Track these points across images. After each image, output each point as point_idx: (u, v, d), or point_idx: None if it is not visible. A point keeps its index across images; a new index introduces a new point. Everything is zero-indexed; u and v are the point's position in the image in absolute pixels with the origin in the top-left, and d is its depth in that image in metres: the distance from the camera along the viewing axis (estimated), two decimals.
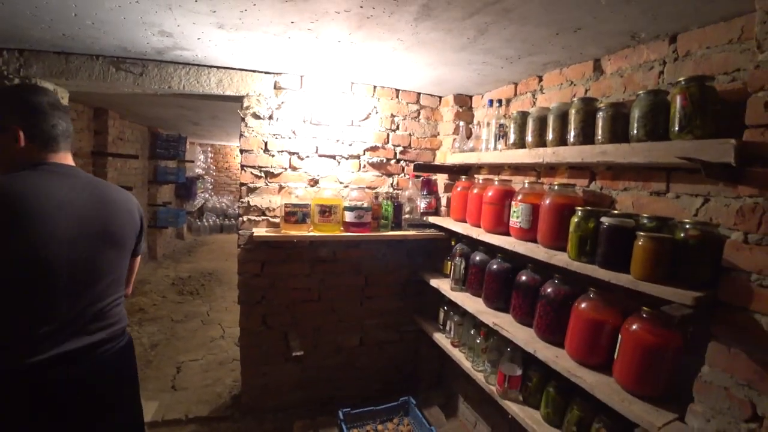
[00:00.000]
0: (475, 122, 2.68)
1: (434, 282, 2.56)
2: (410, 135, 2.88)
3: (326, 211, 2.43)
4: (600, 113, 1.54)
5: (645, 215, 1.43)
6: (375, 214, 2.55)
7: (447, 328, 2.46)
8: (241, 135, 2.56)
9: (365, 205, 2.48)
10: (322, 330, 2.81)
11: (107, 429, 1.30)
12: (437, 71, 2.28)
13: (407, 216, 2.77)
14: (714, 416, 1.13)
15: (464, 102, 2.77)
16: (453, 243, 2.56)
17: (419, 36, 1.75)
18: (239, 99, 2.54)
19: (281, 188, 2.64)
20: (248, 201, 2.59)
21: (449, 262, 2.49)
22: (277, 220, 2.62)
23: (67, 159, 1.32)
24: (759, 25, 1.07)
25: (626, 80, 1.69)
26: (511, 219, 1.91)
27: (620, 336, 1.35)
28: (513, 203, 1.91)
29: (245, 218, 2.60)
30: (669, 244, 1.25)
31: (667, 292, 1.18)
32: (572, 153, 1.61)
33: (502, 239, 1.95)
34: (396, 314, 2.96)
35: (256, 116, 2.54)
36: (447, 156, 2.74)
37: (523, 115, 1.97)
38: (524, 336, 1.73)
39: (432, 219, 2.69)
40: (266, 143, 2.58)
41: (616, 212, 1.50)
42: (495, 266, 2.05)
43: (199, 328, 4.19)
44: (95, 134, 4.80)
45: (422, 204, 2.77)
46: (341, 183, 2.75)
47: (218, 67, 2.45)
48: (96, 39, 2.02)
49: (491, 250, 2.17)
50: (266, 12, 1.59)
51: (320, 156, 2.69)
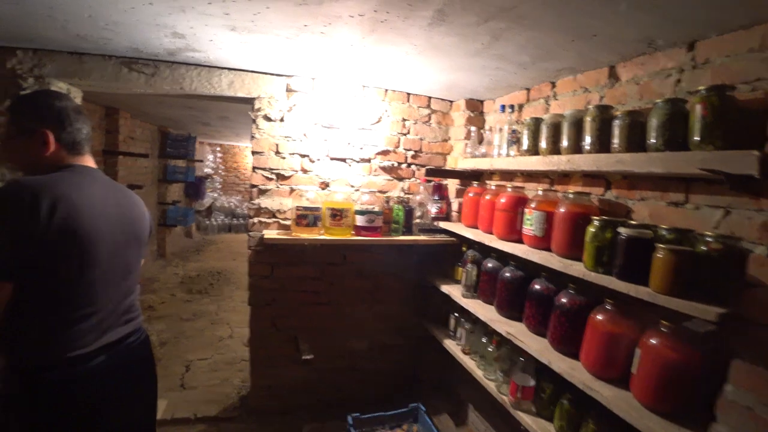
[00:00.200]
0: (487, 127, 2.65)
1: (445, 288, 2.54)
2: (421, 139, 2.86)
3: (337, 215, 2.42)
4: (616, 121, 1.51)
5: (663, 227, 1.39)
6: (386, 219, 2.54)
7: (458, 335, 2.43)
8: (253, 137, 2.55)
9: (376, 210, 2.47)
10: (331, 333, 2.80)
11: (137, 416, 1.40)
12: (449, 76, 2.26)
13: (418, 221, 2.75)
14: None
15: (476, 107, 2.75)
16: (464, 249, 2.54)
17: (433, 41, 1.74)
18: (250, 101, 2.54)
19: (292, 191, 2.63)
20: (259, 203, 2.59)
21: (460, 269, 2.47)
22: (288, 223, 2.61)
23: (91, 162, 1.35)
24: None
25: (642, 88, 1.65)
26: (524, 227, 1.88)
27: (639, 350, 1.32)
28: (526, 211, 1.88)
29: (256, 220, 2.60)
30: (690, 257, 1.22)
31: (689, 307, 1.14)
32: (587, 161, 1.58)
33: (515, 247, 1.92)
34: (405, 319, 2.94)
35: (268, 118, 2.54)
36: (458, 161, 2.72)
37: (537, 122, 1.94)
38: (538, 346, 1.71)
39: (443, 224, 2.67)
40: (277, 145, 2.58)
41: (634, 223, 1.47)
42: (508, 274, 2.02)
43: (208, 328, 4.20)
44: (106, 133, 4.85)
45: (433, 209, 2.75)
46: (352, 186, 2.74)
47: (230, 69, 2.45)
48: (109, 40, 2.02)
49: (503, 258, 2.15)
50: (279, 15, 1.59)
51: (331, 159, 2.68)
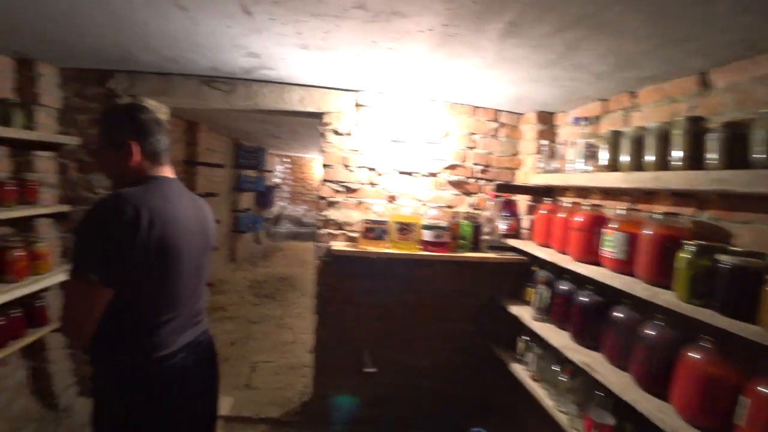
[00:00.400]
0: (559, 141, 2.51)
1: (514, 309, 2.42)
2: (489, 153, 2.78)
3: (405, 229, 2.43)
4: (712, 134, 1.34)
5: None
6: (453, 234, 2.50)
7: (526, 360, 2.30)
8: (322, 150, 2.63)
9: (443, 225, 2.44)
10: (393, 348, 2.77)
11: (205, 408, 1.47)
12: (519, 88, 2.18)
13: (486, 237, 2.64)
14: None
15: (547, 120, 2.62)
16: (535, 269, 2.40)
17: (503, 53, 1.68)
18: (320, 115, 2.61)
19: (360, 203, 2.67)
20: (327, 215, 2.65)
21: (531, 290, 2.34)
22: (355, 235, 2.65)
23: (169, 172, 1.40)
24: None
25: (742, 96, 1.46)
26: (603, 248, 1.74)
27: (746, 399, 1.14)
28: (605, 231, 1.73)
29: (324, 231, 2.66)
30: None
31: None
32: (678, 179, 1.42)
33: (593, 269, 1.78)
34: (469, 339, 2.83)
35: (336, 132, 2.60)
36: (529, 176, 2.60)
37: (616, 135, 1.79)
38: (619, 381, 1.55)
39: (513, 242, 2.55)
40: (346, 159, 2.63)
41: (738, 249, 1.29)
42: (585, 299, 1.87)
43: (273, 331, 4.35)
44: (187, 145, 5.23)
45: (502, 226, 2.64)
46: (419, 201, 2.72)
47: (300, 85, 2.54)
48: (192, 61, 2.18)
49: (578, 280, 2.00)
50: (349, 33, 1.61)
51: (399, 173, 2.69)
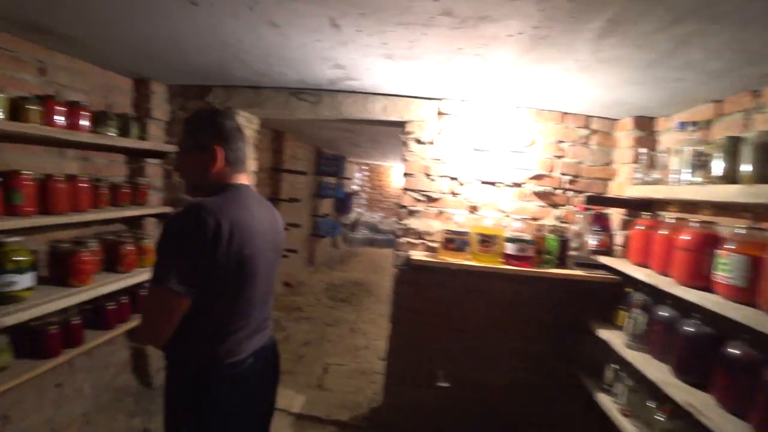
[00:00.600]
0: (660, 149, 2.27)
1: (603, 333, 2.21)
2: (579, 163, 2.60)
3: (486, 241, 2.36)
4: None
5: None
6: (537, 248, 2.37)
7: (615, 391, 2.08)
8: (404, 159, 2.65)
9: (528, 238, 2.33)
10: (468, 363, 2.68)
11: (266, 408, 1.52)
12: (614, 92, 2.01)
13: (573, 253, 2.47)
14: None
15: (646, 125, 2.39)
16: (629, 290, 2.17)
17: (599, 54, 1.56)
18: (401, 124, 2.64)
19: (440, 213, 2.65)
20: (408, 224, 2.66)
21: (623, 313, 2.12)
22: (435, 245, 2.62)
23: (246, 179, 1.42)
24: None
25: None
26: (717, 272, 1.51)
27: None
28: (720, 253, 1.51)
29: (404, 240, 2.67)
30: None
31: None
32: None
33: (702, 296, 1.55)
34: (550, 361, 2.64)
35: (419, 141, 2.61)
36: (624, 187, 2.38)
37: (734, 141, 1.54)
38: (734, 431, 1.33)
39: (604, 259, 2.34)
40: (427, 168, 2.62)
41: None
42: (691, 329, 1.64)
43: (347, 335, 4.44)
44: (274, 153, 5.57)
45: (592, 241, 2.43)
46: (502, 212, 2.63)
47: (383, 95, 2.59)
48: (281, 74, 2.33)
49: (682, 307, 1.76)
50: (435, 41, 1.60)
51: (481, 183, 2.62)
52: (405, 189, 2.66)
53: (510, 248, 2.33)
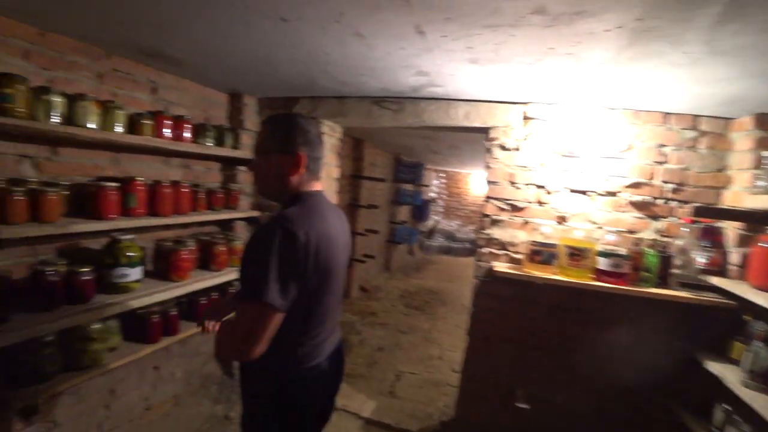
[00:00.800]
0: None
1: (713, 367, 1.94)
2: (684, 169, 2.31)
3: (576, 255, 2.20)
4: None
5: None
6: (634, 265, 2.16)
7: None
8: (487, 166, 2.57)
9: (623, 253, 2.14)
10: (550, 385, 2.51)
11: (331, 408, 1.57)
12: (732, 86, 1.77)
13: (677, 272, 2.19)
14: None
15: None
16: (747, 318, 1.89)
17: (714, 44, 1.38)
18: (485, 130, 2.57)
19: (526, 223, 2.53)
20: (490, 233, 2.57)
21: (740, 345, 1.84)
22: (519, 257, 2.52)
23: (320, 186, 1.40)
24: None
25: None
26: None
27: None
28: None
29: (486, 251, 2.58)
30: None
31: None
32: None
33: None
34: (643, 392, 2.37)
35: (503, 147, 2.52)
36: (742, 198, 2.07)
37: None
38: None
39: (715, 280, 2.06)
40: (512, 175, 2.52)
41: None
42: None
43: (420, 344, 4.38)
44: (354, 160, 5.73)
45: (701, 259, 2.15)
46: (594, 223, 2.43)
47: (465, 100, 2.54)
48: (365, 83, 2.38)
49: None
50: (523, 41, 1.53)
51: (570, 191, 2.45)
52: (488, 197, 2.57)
53: (602, 263, 2.14)
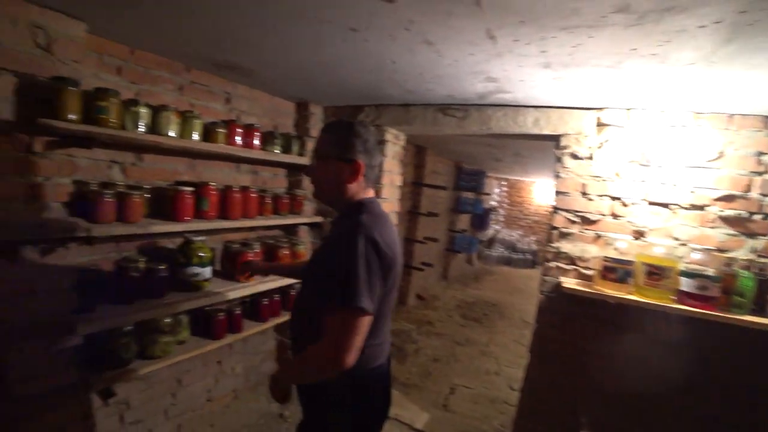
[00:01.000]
0: None
1: None
2: None
3: (655, 273, 2.02)
4: None
5: None
6: (725, 288, 1.93)
7: None
8: (557, 176, 2.44)
9: (712, 274, 1.93)
10: (618, 415, 2.31)
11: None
12: None
13: None
14: None
15: None
16: None
17: None
18: (555, 138, 2.45)
19: (598, 237, 2.36)
20: (559, 247, 2.44)
21: None
22: (590, 273, 2.36)
23: (373, 192, 1.41)
24: None
25: None
26: None
27: None
28: None
29: (553, 265, 2.46)
30: None
31: None
32: None
33: None
34: None
35: (575, 156, 2.38)
36: None
37: None
38: None
39: None
40: (584, 186, 2.37)
41: None
42: None
43: (477, 357, 4.25)
44: (415, 168, 5.72)
45: None
46: (676, 240, 2.21)
47: (535, 107, 2.44)
48: (430, 91, 2.35)
49: None
50: (602, 43, 1.44)
51: (649, 204, 2.25)
52: (556, 208, 2.44)
53: (686, 284, 1.94)
